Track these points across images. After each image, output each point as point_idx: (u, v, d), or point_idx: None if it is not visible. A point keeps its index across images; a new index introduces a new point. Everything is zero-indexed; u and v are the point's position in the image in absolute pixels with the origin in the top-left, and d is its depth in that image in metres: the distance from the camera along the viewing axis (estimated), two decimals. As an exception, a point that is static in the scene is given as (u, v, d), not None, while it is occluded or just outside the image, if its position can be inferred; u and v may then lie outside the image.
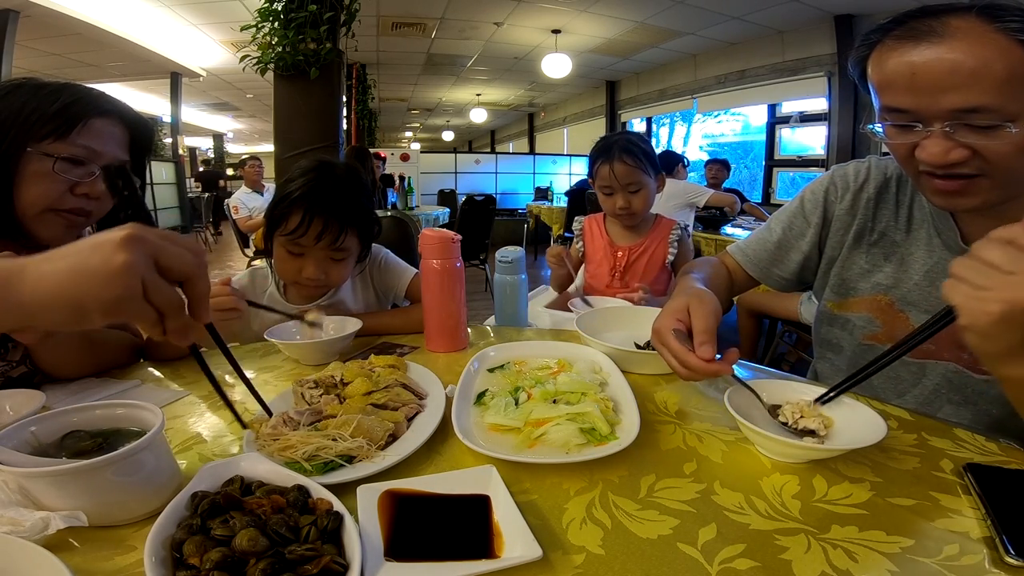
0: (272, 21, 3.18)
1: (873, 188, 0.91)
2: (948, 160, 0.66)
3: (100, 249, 0.43)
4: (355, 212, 1.08)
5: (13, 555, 0.40)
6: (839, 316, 0.96)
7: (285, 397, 0.74)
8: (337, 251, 1.08)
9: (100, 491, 0.48)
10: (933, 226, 0.85)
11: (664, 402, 0.78)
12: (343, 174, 1.10)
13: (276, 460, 0.56)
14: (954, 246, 0.82)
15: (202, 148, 15.73)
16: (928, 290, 0.84)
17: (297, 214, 1.03)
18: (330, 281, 1.11)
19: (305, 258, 1.07)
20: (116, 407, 0.58)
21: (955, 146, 0.65)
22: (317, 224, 1.03)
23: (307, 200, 1.03)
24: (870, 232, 0.91)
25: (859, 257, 0.93)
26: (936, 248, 0.84)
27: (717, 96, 6.77)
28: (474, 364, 0.84)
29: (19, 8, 4.59)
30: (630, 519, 0.52)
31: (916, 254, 0.86)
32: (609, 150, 1.50)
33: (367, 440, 0.60)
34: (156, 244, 0.45)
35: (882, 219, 0.90)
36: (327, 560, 0.40)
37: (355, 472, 0.56)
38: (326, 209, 1.03)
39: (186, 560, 0.40)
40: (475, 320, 1.21)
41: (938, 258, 0.84)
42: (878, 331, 0.90)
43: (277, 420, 0.65)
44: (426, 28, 6.00)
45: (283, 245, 1.07)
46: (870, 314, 0.91)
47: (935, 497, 0.55)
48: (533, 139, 12.68)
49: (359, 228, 1.10)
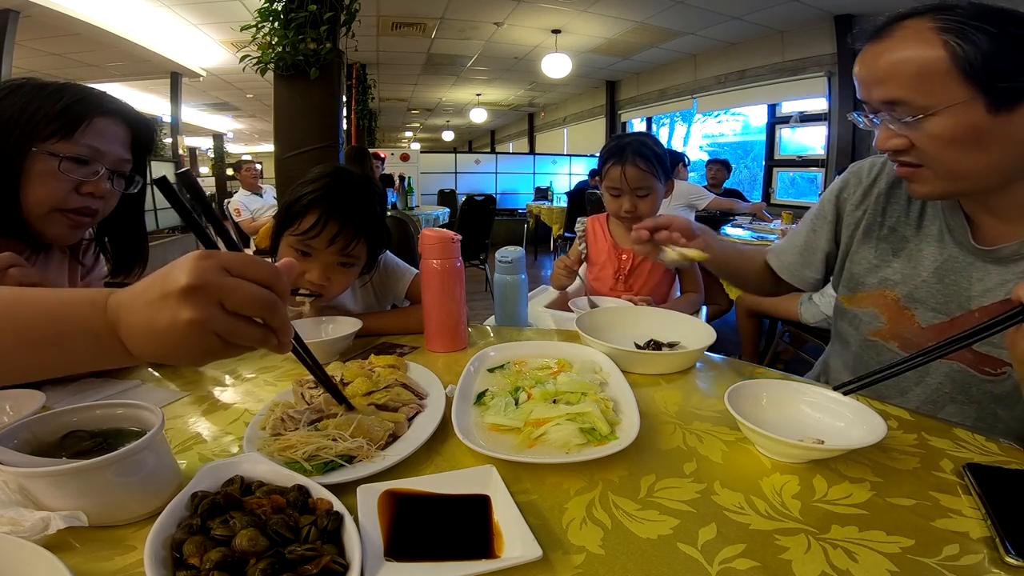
0: (272, 21, 3.18)
1: (885, 183, 0.91)
2: (887, 147, 0.72)
3: (166, 305, 0.40)
4: (369, 221, 1.08)
5: (12, 555, 0.40)
6: (848, 311, 0.96)
7: (285, 397, 0.74)
8: (346, 257, 1.07)
9: (100, 491, 0.48)
10: (945, 223, 0.84)
11: (664, 402, 0.78)
12: (360, 182, 1.11)
13: (276, 460, 0.56)
14: (966, 244, 0.81)
15: (202, 148, 15.72)
16: (936, 287, 0.83)
17: (313, 215, 1.03)
18: (331, 289, 1.09)
19: (312, 260, 1.06)
20: (116, 407, 0.58)
21: (892, 135, 0.71)
22: (332, 227, 1.03)
23: (324, 202, 1.03)
24: (879, 227, 0.91)
25: (868, 251, 0.93)
26: (947, 245, 0.83)
27: (717, 96, 6.77)
28: (474, 364, 0.84)
29: (19, 8, 4.59)
30: (630, 519, 0.52)
31: (926, 251, 0.85)
32: (622, 152, 1.48)
33: (367, 440, 0.61)
34: (221, 288, 0.41)
35: (892, 214, 0.90)
36: (327, 560, 0.40)
37: (355, 472, 0.56)
38: (342, 213, 1.04)
39: (186, 560, 0.40)
40: (475, 320, 1.21)
41: (948, 255, 0.83)
42: (882, 327, 0.90)
43: (276, 420, 0.64)
44: (426, 28, 6.00)
45: (292, 245, 1.06)
46: (875, 309, 0.91)
47: (935, 497, 0.55)
48: (533, 139, 12.68)
49: (370, 238, 1.10)
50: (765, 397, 0.70)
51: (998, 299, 0.77)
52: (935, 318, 0.83)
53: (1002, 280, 0.77)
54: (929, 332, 0.84)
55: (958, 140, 0.67)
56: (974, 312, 0.79)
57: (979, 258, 0.80)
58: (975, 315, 0.79)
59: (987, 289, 0.78)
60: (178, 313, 0.40)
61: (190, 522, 0.44)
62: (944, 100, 0.65)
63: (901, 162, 0.73)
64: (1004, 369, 0.78)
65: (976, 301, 0.79)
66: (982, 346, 0.78)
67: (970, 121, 0.65)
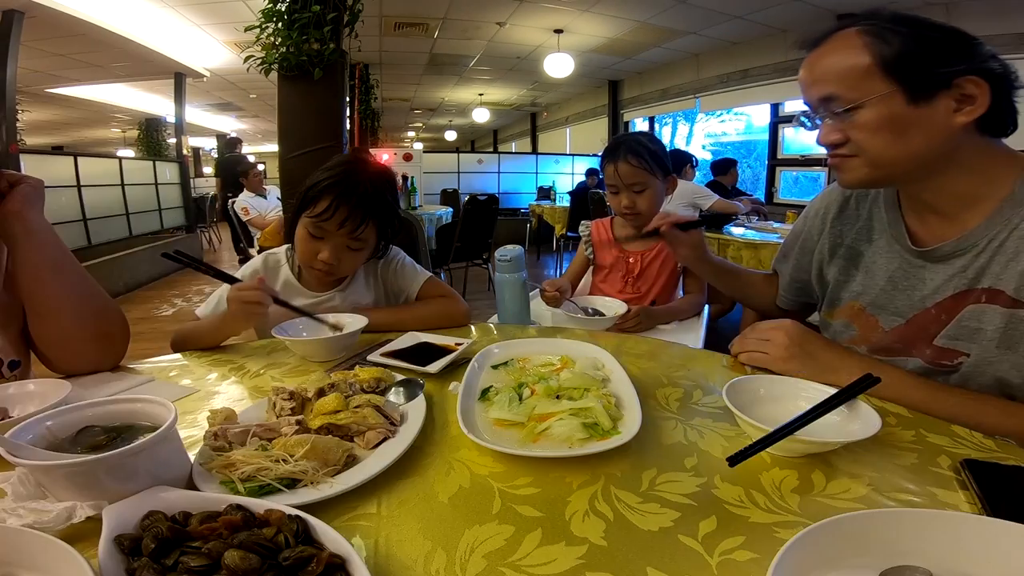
0: (276, 22, 3.19)
1: (835, 208, 1.00)
2: (828, 141, 0.79)
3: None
4: (378, 207, 1.14)
5: (35, 550, 0.41)
6: (830, 324, 1.02)
7: (260, 406, 0.72)
8: (355, 240, 1.13)
9: (114, 484, 0.49)
10: (889, 234, 0.91)
11: (666, 398, 0.79)
12: (374, 170, 1.17)
13: (215, 477, 0.55)
14: (909, 249, 0.88)
15: (206, 148, 15.77)
16: (892, 293, 0.90)
17: (326, 199, 1.10)
18: (341, 268, 1.16)
19: (325, 242, 1.13)
20: (129, 402, 0.59)
21: (831, 130, 0.79)
22: (342, 211, 1.10)
23: (338, 188, 1.11)
24: (839, 246, 1.00)
25: (834, 270, 1.00)
26: (896, 253, 0.90)
27: (720, 95, 6.77)
28: (478, 361, 0.85)
29: (24, 9, 4.61)
30: (632, 512, 0.53)
31: (879, 262, 0.93)
32: (616, 150, 1.50)
33: (321, 463, 0.57)
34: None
35: (848, 233, 0.99)
36: (327, 555, 0.40)
37: (292, 498, 0.51)
38: (352, 199, 1.10)
39: None
40: (478, 319, 1.22)
41: (898, 263, 0.89)
42: (855, 335, 0.96)
43: (210, 433, 0.61)
44: (429, 28, 6.01)
45: (307, 227, 1.13)
46: (847, 320, 0.97)
47: (933, 492, 0.56)
48: (536, 139, 12.68)
49: (379, 222, 1.17)
50: (763, 392, 0.71)
51: (948, 295, 0.82)
52: (895, 321, 0.89)
53: (947, 277, 0.82)
54: (892, 335, 0.90)
55: (883, 128, 0.74)
56: (931, 309, 0.84)
57: (924, 259, 0.86)
58: (931, 311, 0.84)
59: (937, 287, 0.84)
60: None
61: (150, 566, 0.39)
62: (868, 93, 0.74)
63: (837, 155, 0.81)
64: (960, 359, 0.82)
65: (930, 299, 0.85)
66: (940, 340, 0.83)
67: (891, 111, 0.73)
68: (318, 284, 1.22)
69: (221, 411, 0.66)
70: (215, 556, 0.39)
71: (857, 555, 0.43)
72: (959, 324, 0.80)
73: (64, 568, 0.39)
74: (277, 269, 1.25)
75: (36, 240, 0.85)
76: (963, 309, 0.80)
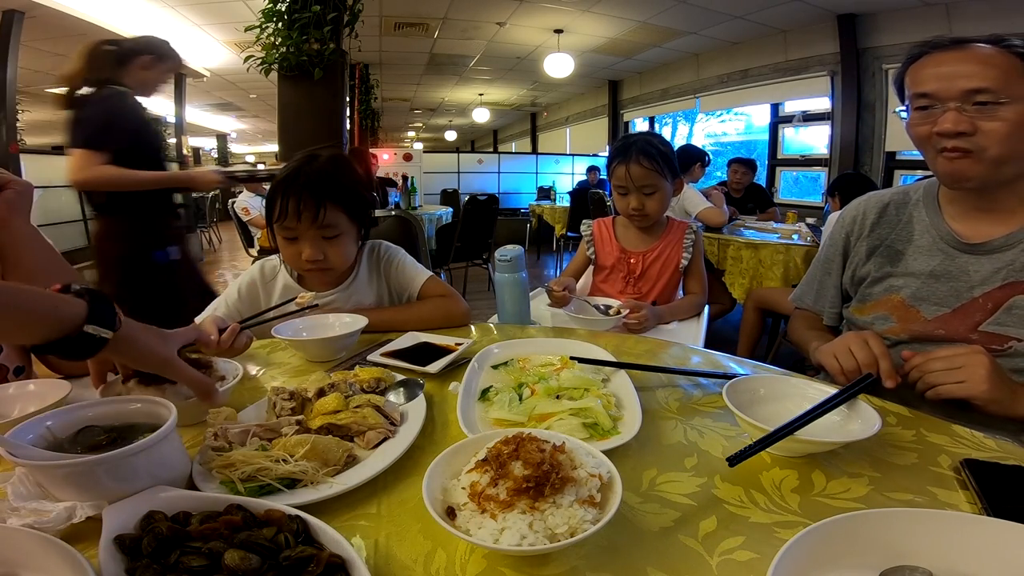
0: (276, 22, 3.19)
1: (874, 214, 1.06)
2: (957, 128, 0.82)
3: None
4: (334, 189, 1.11)
5: (35, 550, 0.41)
6: (860, 319, 1.05)
7: (260, 406, 0.72)
8: (325, 228, 1.11)
9: (114, 484, 0.49)
10: (933, 232, 0.98)
11: (666, 398, 0.79)
12: (324, 158, 1.15)
13: (215, 477, 0.55)
14: (957, 245, 0.94)
15: (206, 148, 15.77)
16: (935, 286, 0.95)
17: (277, 200, 1.09)
18: (330, 261, 1.14)
19: (299, 241, 1.11)
20: (129, 403, 0.59)
21: (962, 120, 0.83)
22: (294, 203, 1.08)
23: (282, 184, 1.10)
24: (879, 247, 1.05)
25: (870, 268, 1.05)
26: (938, 252, 0.96)
27: (720, 95, 6.76)
28: (478, 361, 0.85)
29: (24, 9, 4.62)
30: (632, 511, 0.53)
31: (920, 258, 0.98)
32: (627, 151, 1.49)
33: (320, 463, 0.57)
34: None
35: (888, 235, 1.04)
36: (327, 556, 0.40)
37: (292, 498, 0.52)
38: (302, 188, 1.08)
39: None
40: (478, 319, 1.22)
41: (941, 259, 0.95)
42: (894, 325, 1.00)
43: (222, 433, 0.61)
44: (428, 28, 6.01)
45: (278, 233, 1.13)
46: (886, 312, 1.01)
47: (932, 492, 0.56)
48: (536, 139, 12.67)
49: (344, 205, 1.13)
50: (763, 392, 0.71)
51: (996, 285, 0.89)
52: (938, 310, 0.95)
53: (995, 269, 0.89)
54: (934, 323, 0.95)
55: (1019, 127, 0.81)
56: (978, 299, 0.90)
57: (971, 253, 0.92)
58: (979, 301, 0.90)
59: (985, 278, 0.90)
60: None
61: (151, 566, 0.39)
62: (1018, 93, 0.81)
63: (953, 147, 0.85)
64: (1010, 344, 0.87)
65: (978, 289, 0.90)
66: (988, 326, 0.89)
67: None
68: (319, 283, 1.22)
69: (221, 411, 0.65)
70: (215, 556, 0.39)
71: (857, 555, 0.43)
72: (1008, 311, 0.87)
73: (64, 568, 0.39)
74: (275, 275, 1.24)
75: (24, 248, 0.84)
76: (1011, 298, 0.87)
